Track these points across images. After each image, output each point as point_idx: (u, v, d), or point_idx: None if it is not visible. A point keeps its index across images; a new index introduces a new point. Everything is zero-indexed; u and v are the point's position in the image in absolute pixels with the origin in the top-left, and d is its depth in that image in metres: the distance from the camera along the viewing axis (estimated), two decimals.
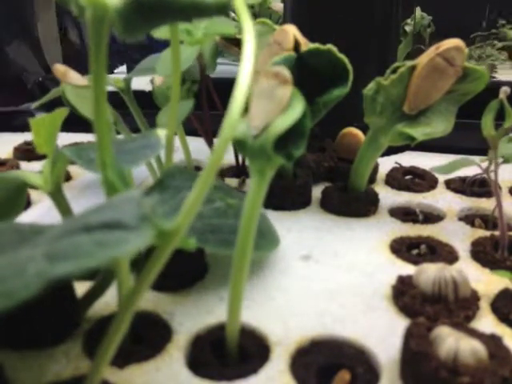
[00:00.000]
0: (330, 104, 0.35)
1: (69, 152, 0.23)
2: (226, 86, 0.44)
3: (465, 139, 0.46)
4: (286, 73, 0.20)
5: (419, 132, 0.35)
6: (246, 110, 0.22)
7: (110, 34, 0.18)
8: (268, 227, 0.32)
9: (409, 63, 0.34)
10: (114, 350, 0.19)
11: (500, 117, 0.32)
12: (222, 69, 0.63)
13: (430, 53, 0.33)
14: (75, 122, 0.37)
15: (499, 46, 0.79)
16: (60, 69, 0.35)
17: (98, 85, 0.19)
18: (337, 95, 0.35)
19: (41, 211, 0.41)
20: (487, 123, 0.32)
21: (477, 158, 0.35)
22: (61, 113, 0.27)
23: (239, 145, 0.21)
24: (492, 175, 0.33)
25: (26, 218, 0.39)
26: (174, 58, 0.28)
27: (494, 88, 0.33)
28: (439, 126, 0.35)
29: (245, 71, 0.19)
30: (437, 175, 0.47)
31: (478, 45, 0.78)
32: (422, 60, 0.34)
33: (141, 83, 0.52)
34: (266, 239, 0.30)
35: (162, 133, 0.25)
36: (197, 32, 0.37)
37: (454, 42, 0.33)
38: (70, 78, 0.35)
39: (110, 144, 0.21)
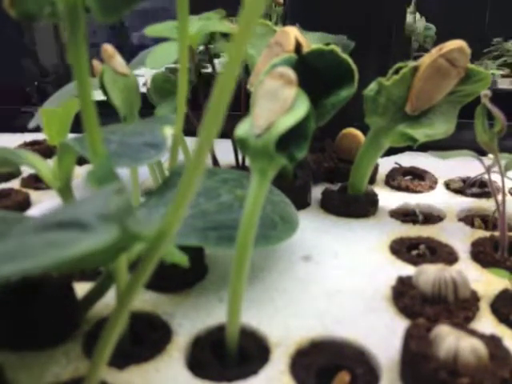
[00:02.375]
0: (339, 105, 0.35)
1: (71, 141, 0.23)
2: None
3: (465, 139, 0.46)
4: (291, 74, 0.20)
5: (421, 133, 0.35)
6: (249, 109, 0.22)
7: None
8: (283, 216, 0.31)
9: (411, 64, 0.34)
10: (111, 349, 0.19)
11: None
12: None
13: (433, 54, 0.33)
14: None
15: (500, 61, 0.80)
16: (109, 50, 0.34)
17: (82, 82, 0.19)
18: (345, 96, 0.34)
19: (41, 212, 0.41)
20: (479, 129, 0.32)
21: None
22: (74, 104, 0.26)
23: (241, 144, 0.21)
24: (492, 175, 0.33)
25: None
26: (181, 49, 0.27)
27: (495, 92, 0.33)
28: (441, 127, 0.35)
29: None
30: (436, 176, 0.47)
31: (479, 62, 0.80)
32: (425, 61, 0.34)
33: None
34: (278, 230, 0.29)
35: (168, 131, 0.24)
36: (191, 29, 0.37)
37: (457, 44, 0.33)
38: (115, 61, 0.34)
39: (100, 143, 0.20)
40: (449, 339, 0.22)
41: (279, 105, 0.20)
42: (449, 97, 0.35)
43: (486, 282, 0.31)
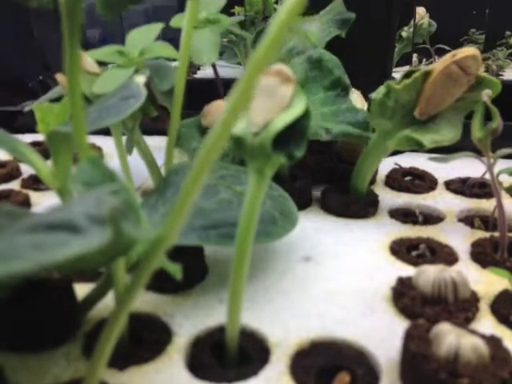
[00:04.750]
0: None
1: (59, 127, 0.23)
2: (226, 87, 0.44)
3: (466, 141, 0.46)
4: (288, 71, 0.20)
5: (428, 139, 0.35)
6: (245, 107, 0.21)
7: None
8: (283, 211, 0.30)
9: (424, 69, 0.34)
10: (111, 350, 0.19)
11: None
12: (222, 71, 0.63)
13: (446, 60, 0.33)
14: None
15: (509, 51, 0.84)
16: None
17: (73, 74, 0.18)
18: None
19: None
20: (475, 127, 0.32)
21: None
22: None
23: (237, 142, 0.21)
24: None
25: None
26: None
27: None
28: (448, 133, 0.35)
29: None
30: (436, 176, 0.47)
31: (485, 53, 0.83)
32: (437, 67, 0.34)
33: None
34: (277, 225, 0.29)
35: (140, 79, 0.24)
36: (133, 52, 0.35)
37: (471, 51, 0.33)
38: (86, 64, 0.35)
39: (85, 142, 0.20)
40: (450, 337, 0.22)
41: (276, 103, 0.20)
42: (456, 103, 0.35)
43: (485, 283, 0.31)
